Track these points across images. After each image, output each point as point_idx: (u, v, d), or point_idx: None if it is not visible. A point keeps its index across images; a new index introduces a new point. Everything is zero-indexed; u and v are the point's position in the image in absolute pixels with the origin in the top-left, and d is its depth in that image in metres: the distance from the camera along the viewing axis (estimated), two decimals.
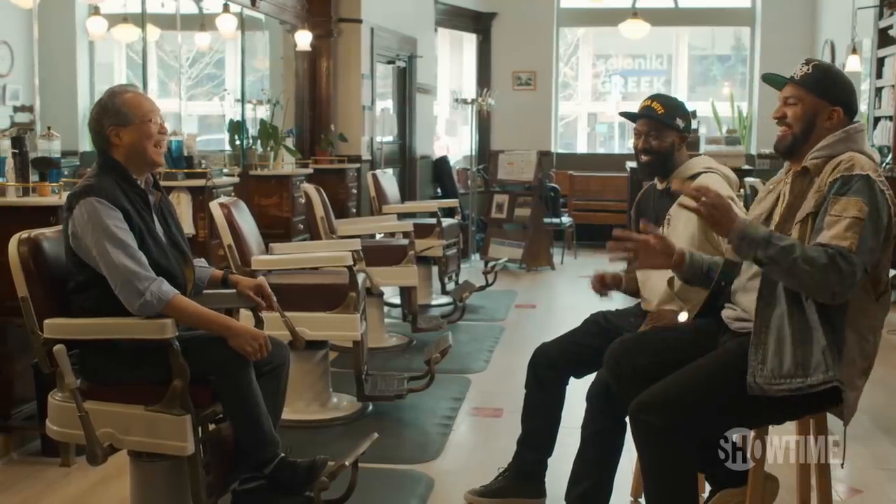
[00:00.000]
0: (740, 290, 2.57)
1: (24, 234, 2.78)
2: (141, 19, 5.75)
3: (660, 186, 3.22)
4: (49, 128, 3.94)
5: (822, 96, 2.48)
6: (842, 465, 2.66)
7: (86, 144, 7.15)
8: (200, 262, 3.16)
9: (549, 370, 3.22)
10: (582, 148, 12.46)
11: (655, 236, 2.56)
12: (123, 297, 2.65)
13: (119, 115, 2.78)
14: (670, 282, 2.95)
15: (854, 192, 2.31)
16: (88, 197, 2.69)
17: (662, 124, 3.14)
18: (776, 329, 2.35)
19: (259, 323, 3.24)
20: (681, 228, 3.05)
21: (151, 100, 2.90)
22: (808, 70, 2.50)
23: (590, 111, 12.60)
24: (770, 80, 2.62)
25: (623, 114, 3.35)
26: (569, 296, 7.97)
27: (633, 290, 3.24)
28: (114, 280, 2.65)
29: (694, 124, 10.44)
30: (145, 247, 2.74)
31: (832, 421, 2.61)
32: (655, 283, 3.09)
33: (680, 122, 3.16)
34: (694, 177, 3.10)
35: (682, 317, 2.93)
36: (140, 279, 2.63)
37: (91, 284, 2.72)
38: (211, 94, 8.48)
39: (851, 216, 2.28)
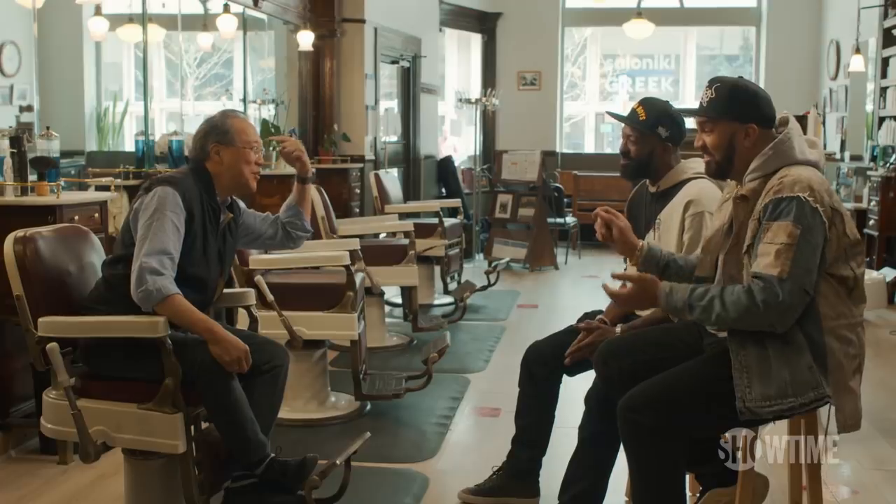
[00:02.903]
0: None
1: (20, 233, 2.80)
2: (142, 19, 5.77)
3: (652, 189, 3.21)
4: (48, 127, 3.96)
5: (732, 118, 2.46)
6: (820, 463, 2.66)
7: (92, 144, 7.20)
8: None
9: (541, 368, 3.21)
10: (590, 148, 12.44)
11: (619, 230, 2.72)
12: (133, 280, 2.71)
13: (226, 134, 2.93)
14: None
15: (784, 216, 2.31)
16: (170, 186, 2.80)
17: (641, 131, 3.13)
18: (756, 351, 2.34)
19: (254, 322, 3.26)
20: (671, 235, 3.06)
21: (255, 129, 3.05)
22: (711, 94, 2.47)
23: (597, 111, 12.59)
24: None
25: (609, 113, 3.34)
26: (571, 296, 7.97)
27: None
28: (134, 261, 2.72)
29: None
30: (192, 252, 2.82)
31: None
32: None
33: (662, 131, 3.10)
34: (682, 183, 3.10)
35: (618, 329, 3.03)
36: (151, 271, 2.69)
37: (125, 261, 2.78)
38: (219, 93, 8.52)
39: (781, 242, 2.29)
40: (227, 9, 6.49)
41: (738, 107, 2.46)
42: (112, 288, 2.80)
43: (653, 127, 3.10)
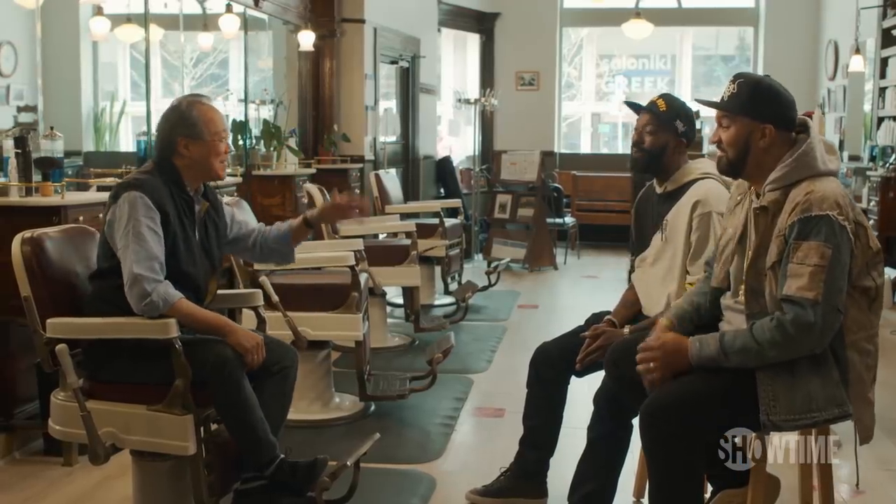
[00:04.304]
0: (729, 308, 2.57)
1: (27, 234, 2.79)
2: (144, 19, 5.75)
3: (659, 190, 3.21)
4: (52, 128, 3.95)
5: (750, 116, 2.43)
6: (857, 484, 2.66)
7: (89, 144, 7.17)
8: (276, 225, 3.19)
9: (550, 369, 3.21)
10: (585, 148, 12.46)
11: (648, 354, 2.51)
12: (131, 295, 2.67)
13: (194, 127, 2.83)
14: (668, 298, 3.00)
15: (815, 236, 2.29)
16: (135, 191, 2.74)
17: (660, 122, 3.13)
18: (782, 367, 2.33)
19: (262, 323, 3.24)
20: (678, 235, 3.06)
21: (222, 116, 2.95)
22: (734, 89, 2.45)
23: (593, 111, 12.60)
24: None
25: (627, 103, 3.33)
26: (571, 296, 7.98)
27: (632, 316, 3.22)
28: (126, 276, 2.68)
29: (697, 124, 10.45)
30: (176, 252, 2.77)
31: (840, 425, 2.61)
32: (655, 296, 3.10)
33: (679, 125, 3.12)
34: (691, 182, 3.10)
35: (626, 330, 3.03)
36: (148, 281, 2.66)
37: (113, 273, 2.74)
38: (215, 94, 8.48)
39: (814, 264, 2.27)
40: (229, 9, 6.47)
41: (757, 105, 2.43)
42: (107, 301, 2.76)
43: (671, 119, 3.11)
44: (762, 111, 2.43)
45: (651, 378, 2.46)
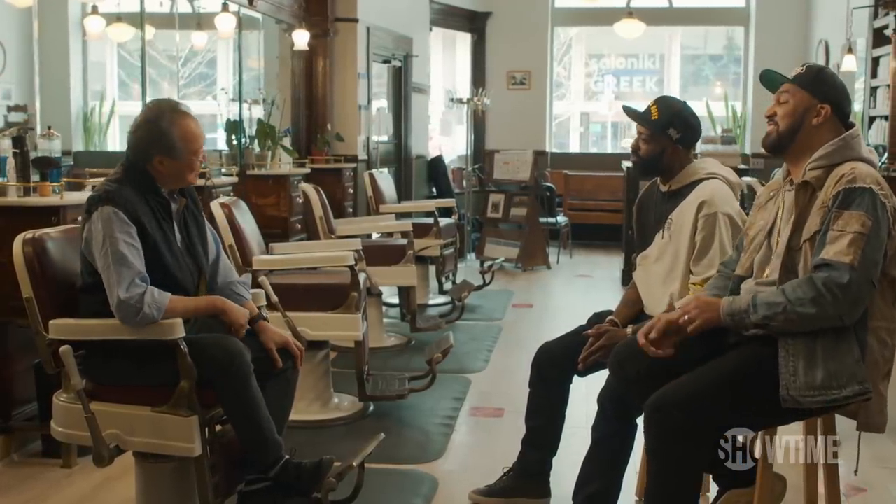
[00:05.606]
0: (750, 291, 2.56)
1: (29, 234, 2.76)
2: (140, 19, 5.72)
3: (663, 188, 3.21)
4: (49, 127, 3.93)
5: (811, 92, 2.50)
6: (855, 471, 2.67)
7: (79, 144, 7.13)
8: (243, 280, 3.15)
9: (552, 369, 3.20)
10: (574, 147, 12.47)
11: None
12: (121, 317, 2.63)
13: (173, 149, 2.78)
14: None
15: (857, 206, 2.31)
16: (107, 205, 2.68)
17: (653, 131, 3.13)
18: (805, 340, 2.33)
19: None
20: (683, 234, 3.07)
21: (201, 128, 2.89)
22: (801, 70, 2.55)
23: (582, 111, 12.61)
24: (767, 77, 2.63)
25: (625, 109, 3.33)
26: (565, 295, 7.99)
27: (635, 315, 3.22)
28: (112, 301, 2.64)
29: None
30: (161, 258, 2.74)
31: (839, 424, 2.61)
32: (657, 295, 3.10)
33: (673, 133, 3.10)
34: (696, 182, 3.10)
35: (629, 330, 3.03)
36: (135, 299, 2.62)
37: (98, 288, 2.70)
38: (203, 93, 8.44)
39: (854, 231, 2.29)
40: (225, 7, 6.43)
41: (820, 84, 2.51)
42: (98, 314, 2.72)
43: (664, 127, 3.10)
44: (824, 91, 2.50)
45: (687, 323, 2.43)
